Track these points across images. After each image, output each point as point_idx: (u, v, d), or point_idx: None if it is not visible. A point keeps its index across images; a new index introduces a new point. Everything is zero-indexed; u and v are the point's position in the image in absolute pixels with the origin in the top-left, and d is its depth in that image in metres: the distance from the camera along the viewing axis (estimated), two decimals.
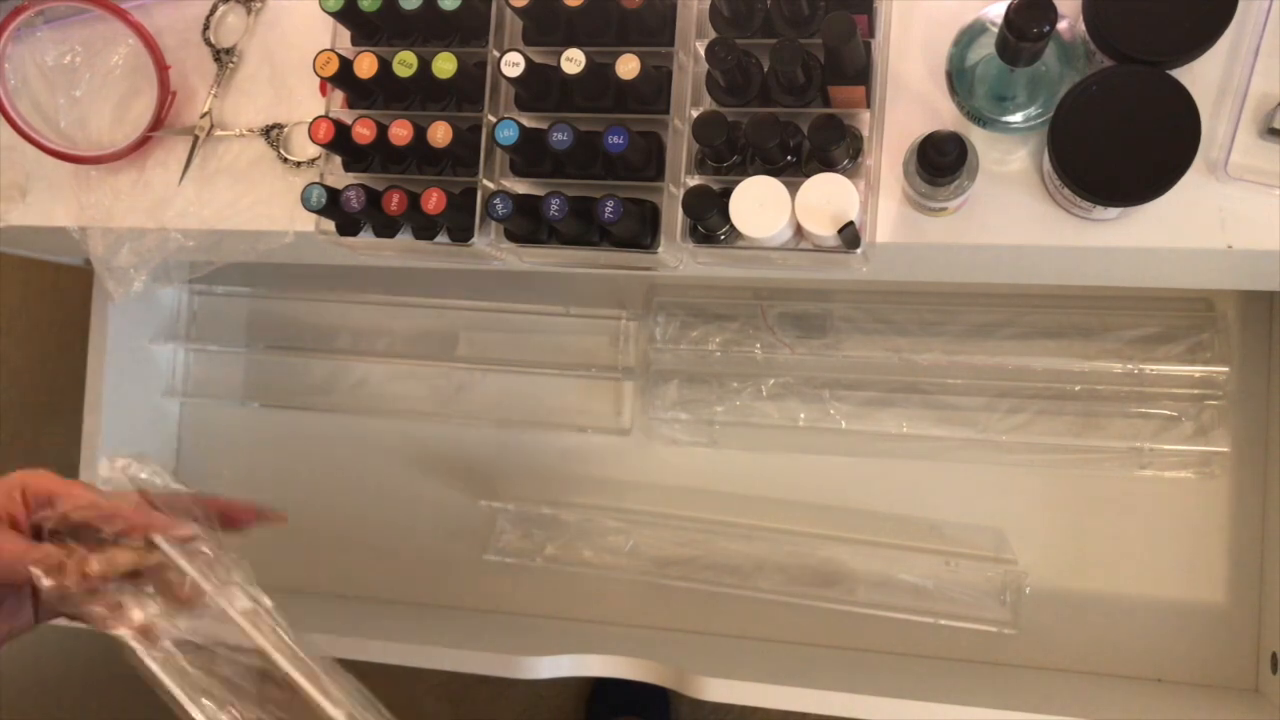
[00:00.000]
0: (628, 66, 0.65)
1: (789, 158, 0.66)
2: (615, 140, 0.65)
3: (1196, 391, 0.93)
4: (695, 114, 0.66)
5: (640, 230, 0.69)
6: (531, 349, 1.09)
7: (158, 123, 0.81)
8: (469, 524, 1.09)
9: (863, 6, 0.65)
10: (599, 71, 0.66)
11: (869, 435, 0.99)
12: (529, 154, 0.70)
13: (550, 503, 1.07)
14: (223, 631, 0.57)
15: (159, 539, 0.56)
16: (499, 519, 1.08)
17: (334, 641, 0.94)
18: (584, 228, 0.70)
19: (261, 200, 0.78)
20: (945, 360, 0.98)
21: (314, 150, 0.76)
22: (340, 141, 0.71)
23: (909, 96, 0.67)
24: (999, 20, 0.55)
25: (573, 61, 0.65)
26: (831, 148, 0.63)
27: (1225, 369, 0.92)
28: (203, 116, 0.80)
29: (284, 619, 0.60)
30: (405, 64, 0.69)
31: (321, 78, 0.71)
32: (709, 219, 0.65)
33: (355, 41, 0.74)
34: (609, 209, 0.65)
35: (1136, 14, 0.58)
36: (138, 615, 0.56)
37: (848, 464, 1.01)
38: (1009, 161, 0.66)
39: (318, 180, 0.72)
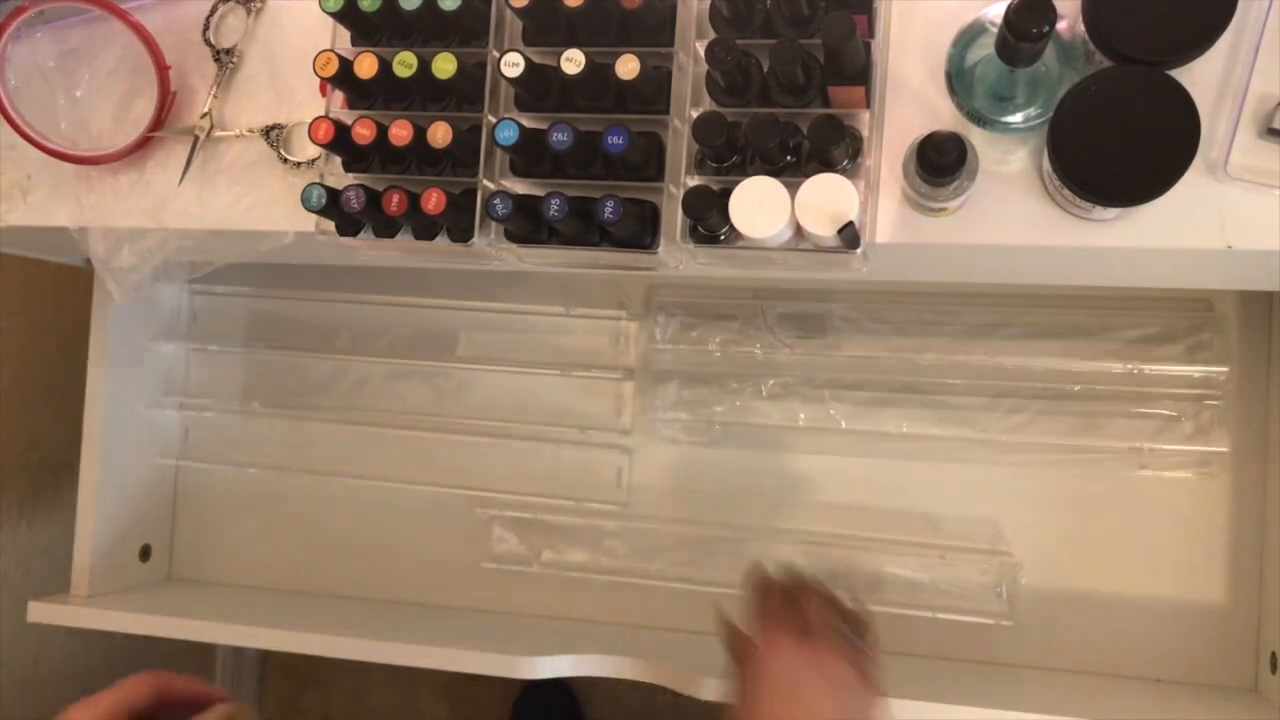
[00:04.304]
0: (628, 67, 0.65)
1: (789, 158, 0.66)
2: (615, 140, 0.65)
3: (1196, 391, 0.93)
4: (695, 114, 0.66)
5: (640, 230, 0.70)
6: (531, 349, 1.09)
7: (158, 123, 0.81)
8: (468, 526, 1.09)
9: (863, 6, 0.65)
10: (599, 72, 0.66)
11: (869, 435, 0.99)
12: (529, 154, 0.70)
13: (546, 508, 1.07)
14: None
15: None
16: (495, 526, 1.08)
17: (334, 641, 0.94)
18: (584, 228, 0.70)
19: (261, 200, 0.78)
20: (945, 360, 0.98)
21: (314, 150, 0.76)
22: (340, 142, 0.71)
23: (909, 96, 0.67)
24: (999, 20, 0.55)
25: (573, 62, 0.65)
26: (831, 148, 0.63)
27: (1225, 369, 0.92)
28: (203, 117, 0.80)
29: None
30: (405, 64, 0.69)
31: (321, 78, 0.71)
32: (709, 219, 0.66)
33: (355, 42, 0.74)
34: (609, 209, 0.65)
35: (1136, 14, 0.58)
36: None
37: (848, 464, 1.01)
38: (1009, 162, 0.66)
39: (318, 180, 0.72)
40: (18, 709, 1.21)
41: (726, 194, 0.64)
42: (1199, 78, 0.61)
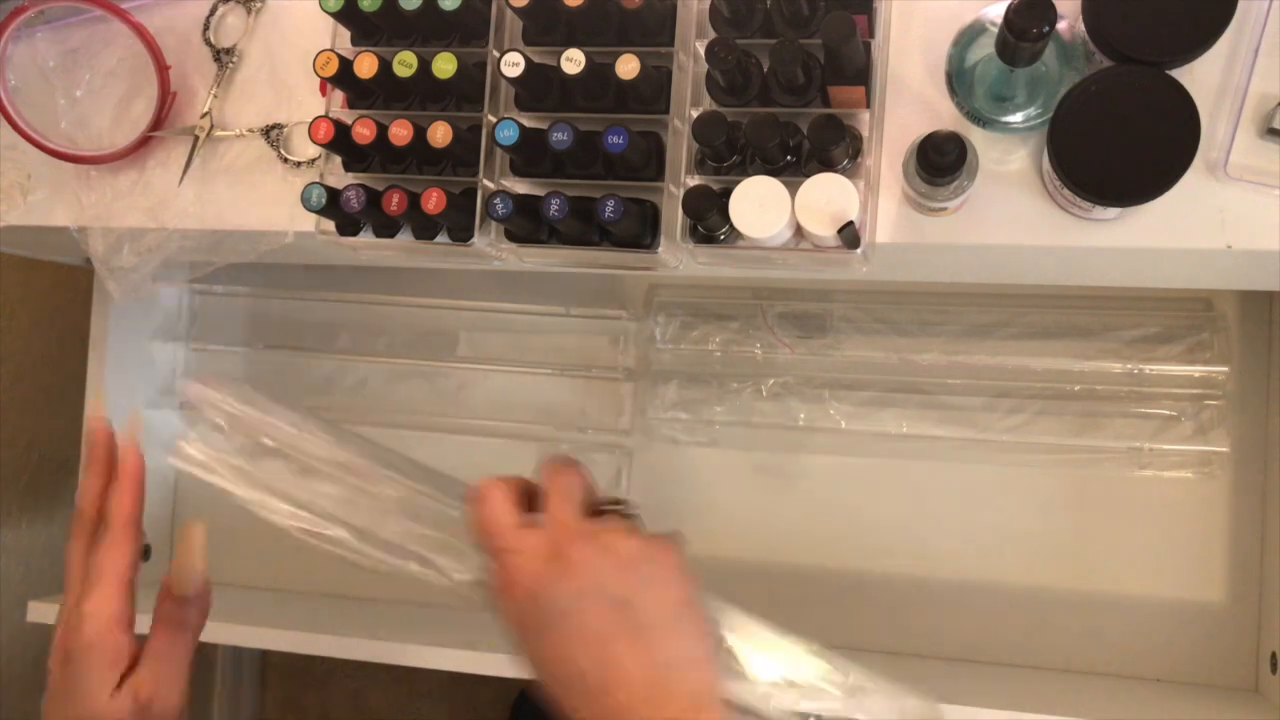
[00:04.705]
0: (628, 66, 0.65)
1: (789, 158, 0.66)
2: (615, 140, 0.65)
3: (1196, 391, 0.93)
4: (695, 114, 0.66)
5: (640, 230, 0.70)
6: (531, 349, 1.09)
7: (158, 123, 0.81)
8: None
9: (862, 6, 0.65)
10: (599, 71, 0.66)
11: (869, 435, 0.99)
12: (529, 154, 0.70)
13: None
14: None
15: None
16: None
17: (334, 641, 0.94)
18: (584, 228, 0.70)
19: (261, 200, 0.78)
20: (945, 360, 0.98)
21: (314, 150, 0.76)
22: (340, 141, 0.71)
23: (909, 96, 0.67)
24: (999, 20, 0.55)
25: (573, 61, 0.65)
26: (831, 148, 0.63)
27: (1225, 369, 0.92)
28: (203, 116, 0.80)
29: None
30: (405, 64, 0.69)
31: (321, 78, 0.71)
32: (709, 219, 0.66)
33: (355, 41, 0.74)
34: (609, 209, 0.65)
35: (1136, 14, 0.58)
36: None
37: (848, 464, 1.01)
38: (1009, 161, 0.66)
39: (318, 180, 0.72)
40: (18, 709, 1.21)
41: (726, 194, 0.64)
42: (1199, 78, 0.61)
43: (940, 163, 0.59)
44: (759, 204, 0.64)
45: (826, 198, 0.63)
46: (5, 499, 1.22)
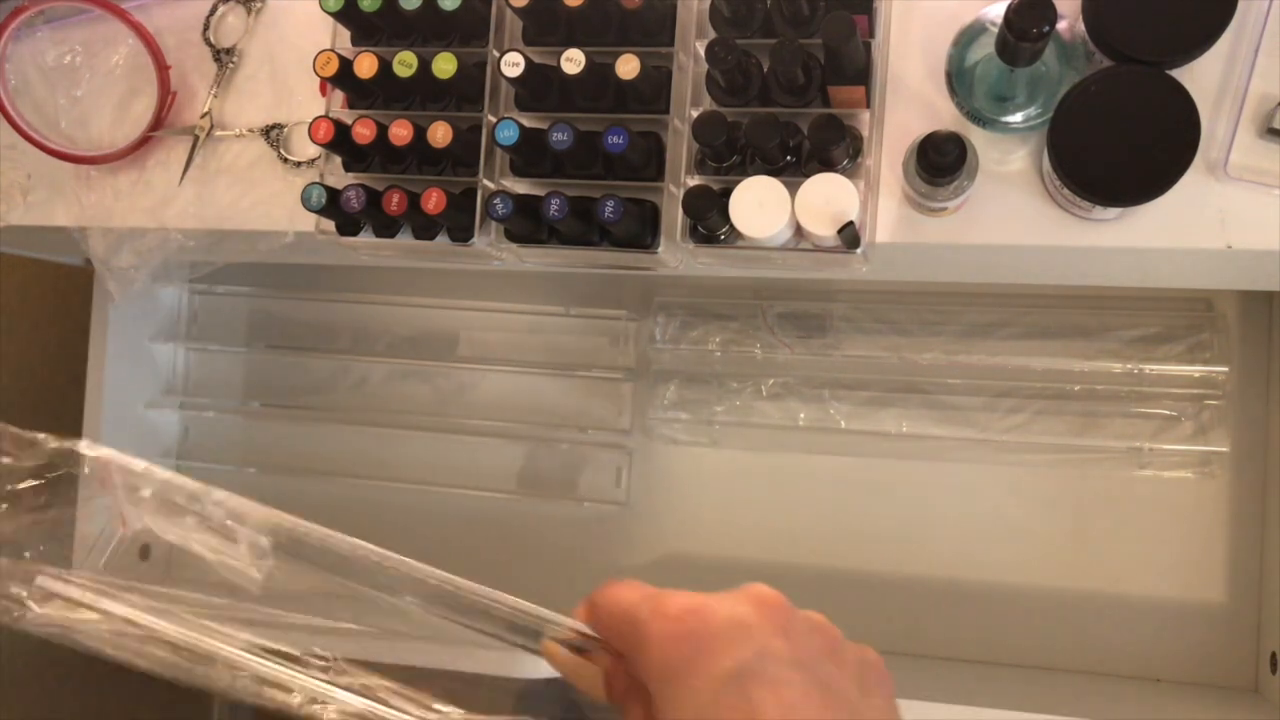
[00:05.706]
0: (628, 66, 0.65)
1: (789, 158, 0.66)
2: (615, 140, 0.65)
3: (1196, 391, 0.93)
4: (695, 114, 0.66)
5: (640, 230, 0.70)
6: (531, 349, 1.09)
7: (158, 123, 0.81)
8: (468, 525, 1.09)
9: (863, 6, 0.65)
10: (599, 71, 0.66)
11: (869, 435, 0.99)
12: (529, 154, 0.70)
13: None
14: None
15: None
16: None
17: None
18: (584, 228, 0.70)
19: (261, 200, 0.78)
20: (945, 360, 0.98)
21: (314, 150, 0.76)
22: (340, 141, 0.71)
23: (909, 96, 0.67)
24: (999, 20, 0.55)
25: (573, 61, 0.65)
26: (831, 148, 0.63)
27: (1225, 369, 0.92)
28: (203, 116, 0.80)
29: None
30: (405, 64, 0.69)
31: (321, 78, 0.71)
32: (709, 219, 0.66)
33: (355, 41, 0.74)
34: (609, 209, 0.65)
35: (1136, 14, 0.58)
36: None
37: (848, 464, 1.01)
38: (1009, 161, 0.66)
39: (318, 180, 0.72)
40: (18, 709, 1.21)
41: (726, 194, 0.64)
42: (1199, 78, 0.61)
43: (940, 163, 0.59)
44: (759, 204, 0.64)
45: (826, 198, 0.63)
46: None
